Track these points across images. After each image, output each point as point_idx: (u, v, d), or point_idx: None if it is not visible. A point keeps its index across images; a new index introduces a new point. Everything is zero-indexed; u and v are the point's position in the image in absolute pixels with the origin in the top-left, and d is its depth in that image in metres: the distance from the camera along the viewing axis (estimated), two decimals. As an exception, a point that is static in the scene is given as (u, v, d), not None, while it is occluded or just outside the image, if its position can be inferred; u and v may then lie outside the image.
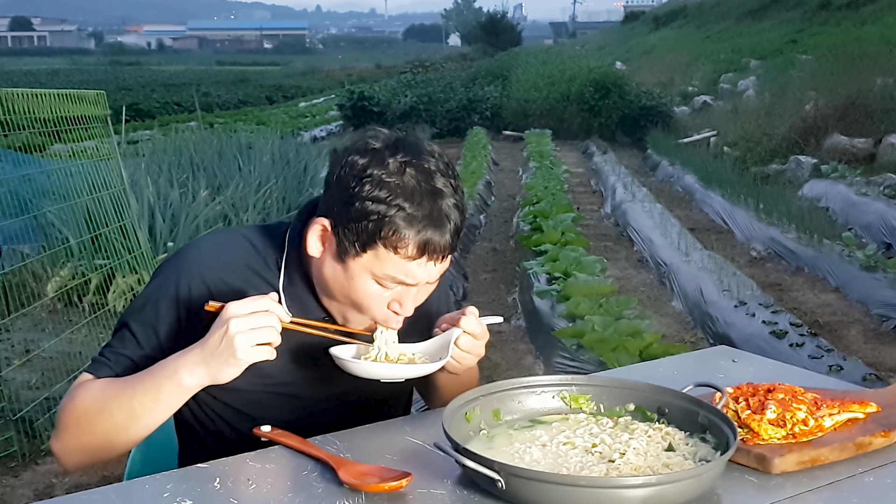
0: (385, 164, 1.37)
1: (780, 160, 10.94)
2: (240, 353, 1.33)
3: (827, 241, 6.80)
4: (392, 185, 1.36)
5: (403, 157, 1.38)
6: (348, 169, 1.39)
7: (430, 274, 1.42)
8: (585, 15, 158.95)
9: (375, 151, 1.39)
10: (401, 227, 1.35)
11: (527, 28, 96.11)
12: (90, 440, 1.44)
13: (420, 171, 1.38)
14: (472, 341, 1.49)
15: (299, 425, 1.45)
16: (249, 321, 1.33)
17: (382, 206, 1.35)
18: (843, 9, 22.32)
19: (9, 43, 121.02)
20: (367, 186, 1.36)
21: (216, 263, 1.52)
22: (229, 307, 1.34)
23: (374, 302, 1.44)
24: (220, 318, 1.34)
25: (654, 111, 16.15)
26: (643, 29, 40.65)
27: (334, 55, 69.30)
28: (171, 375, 1.38)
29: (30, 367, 4.30)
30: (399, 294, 1.44)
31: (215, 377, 1.36)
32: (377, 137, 1.42)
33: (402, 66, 32.36)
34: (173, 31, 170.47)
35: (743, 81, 17.06)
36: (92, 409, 1.42)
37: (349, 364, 1.43)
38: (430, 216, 1.37)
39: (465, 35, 72.75)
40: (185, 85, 29.28)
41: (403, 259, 1.38)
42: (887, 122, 10.45)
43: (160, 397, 1.39)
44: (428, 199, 1.37)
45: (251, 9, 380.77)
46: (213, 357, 1.34)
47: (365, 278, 1.41)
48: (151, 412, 1.40)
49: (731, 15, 30.12)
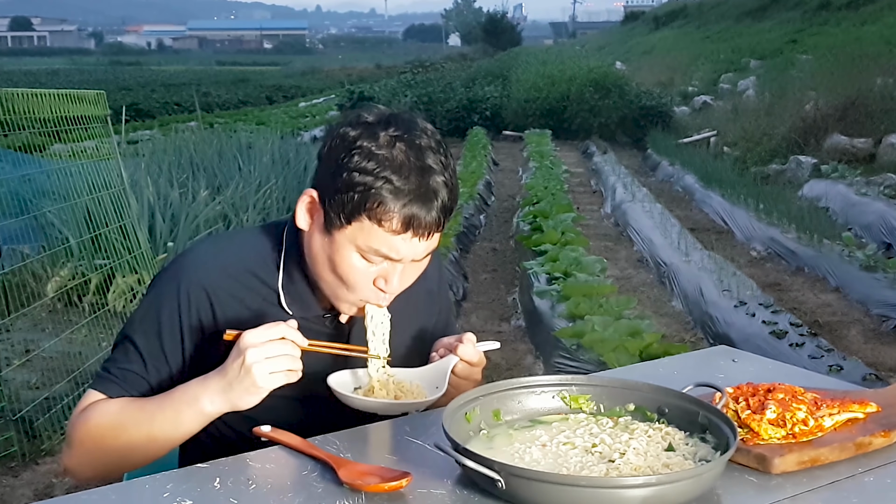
0: (375, 137, 1.37)
1: (780, 160, 10.94)
2: (259, 381, 1.33)
3: (827, 241, 6.81)
4: (381, 157, 1.35)
5: (395, 132, 1.37)
6: (339, 140, 1.39)
7: (415, 251, 1.40)
8: (585, 15, 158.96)
9: (367, 124, 1.39)
10: (387, 199, 1.34)
11: (527, 28, 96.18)
12: (104, 459, 1.44)
13: (411, 146, 1.37)
14: (469, 368, 1.50)
15: (299, 425, 1.45)
16: (266, 350, 1.33)
17: (369, 177, 1.35)
18: (843, 9, 22.32)
19: (9, 43, 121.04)
20: (355, 158, 1.36)
21: (214, 270, 1.51)
22: (245, 337, 1.33)
23: (360, 277, 1.43)
24: (237, 348, 1.34)
25: (654, 111, 16.15)
26: (643, 29, 40.67)
27: (334, 55, 69.36)
28: (192, 403, 1.38)
29: (30, 367, 4.31)
30: (384, 270, 1.42)
31: (235, 405, 1.37)
32: (370, 111, 1.42)
33: (402, 66, 32.39)
34: (173, 31, 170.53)
35: (743, 81, 17.06)
36: (108, 430, 1.42)
37: (347, 398, 1.44)
38: (418, 191, 1.35)
39: (465, 35, 72.87)
40: (185, 85, 29.30)
41: (388, 233, 1.37)
42: (887, 122, 10.45)
43: (180, 423, 1.40)
44: (416, 174, 1.36)
45: (251, 9, 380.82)
46: (233, 386, 1.35)
47: (349, 251, 1.40)
48: (171, 436, 1.42)
49: (731, 15, 30.12)
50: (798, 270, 6.69)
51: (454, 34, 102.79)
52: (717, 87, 18.22)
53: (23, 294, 4.39)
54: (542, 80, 18.32)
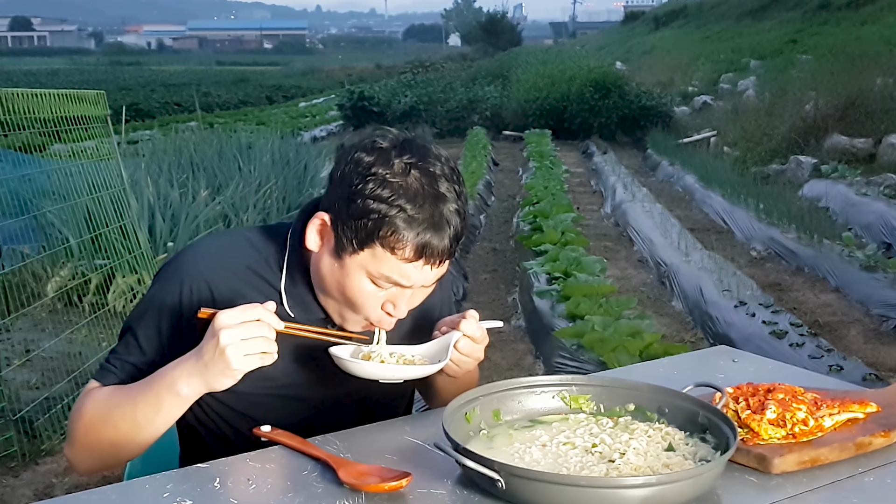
0: (390, 164, 1.36)
1: (780, 160, 10.94)
2: (234, 363, 1.31)
3: (827, 241, 6.80)
4: (395, 185, 1.35)
5: (409, 159, 1.37)
6: (353, 166, 1.38)
7: (425, 277, 1.41)
8: (585, 15, 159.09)
9: (382, 150, 1.38)
10: (400, 227, 1.35)
11: (527, 28, 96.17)
12: (98, 448, 1.45)
13: (425, 173, 1.37)
14: (472, 345, 1.49)
15: (299, 425, 1.45)
16: (240, 332, 1.31)
17: (384, 205, 1.35)
18: (843, 9, 22.34)
19: (9, 43, 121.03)
20: (370, 185, 1.36)
21: (217, 265, 1.51)
22: (219, 317, 1.32)
23: (368, 301, 1.43)
24: (212, 328, 1.33)
25: (654, 111, 16.15)
26: (643, 29, 40.67)
27: (334, 55, 69.37)
28: (170, 386, 1.38)
29: (30, 367, 4.30)
30: (393, 295, 1.43)
31: (211, 386, 1.36)
32: (385, 137, 1.41)
33: (402, 66, 32.38)
34: (173, 31, 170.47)
35: (743, 81, 17.06)
36: (97, 418, 1.44)
37: (349, 364, 1.42)
38: (431, 219, 1.36)
39: (465, 35, 72.84)
40: (185, 85, 29.29)
41: (400, 260, 1.37)
42: (887, 122, 10.45)
43: (160, 407, 1.39)
44: (430, 203, 1.36)
45: (251, 9, 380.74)
46: (208, 368, 1.34)
47: (360, 276, 1.41)
48: (153, 421, 1.41)
49: (731, 15, 30.14)
50: (798, 270, 6.69)
51: (454, 34, 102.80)
52: (717, 87, 18.22)
53: (23, 294, 4.39)
54: (542, 80, 18.32)
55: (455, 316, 1.53)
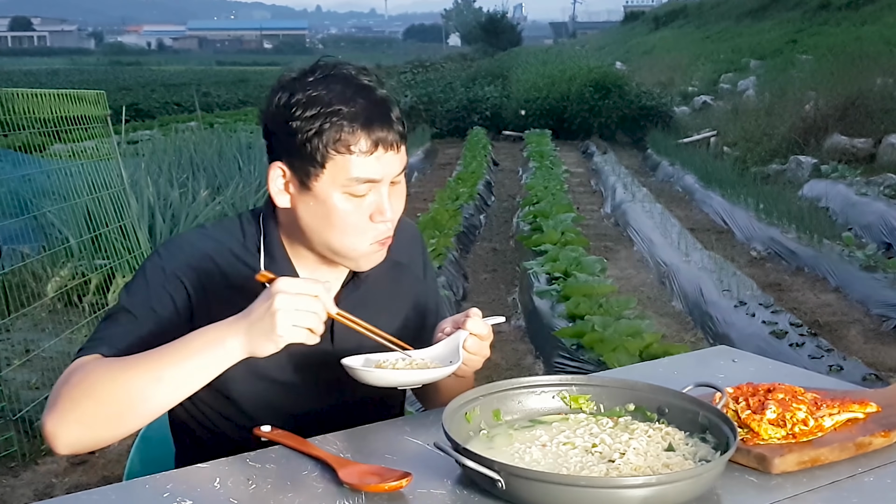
0: (306, 85, 1.42)
1: (780, 160, 10.94)
2: (279, 328, 1.29)
3: (827, 241, 6.80)
4: (320, 96, 1.40)
5: (321, 73, 1.44)
6: (277, 108, 1.43)
7: (391, 167, 1.43)
8: (585, 15, 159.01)
9: (293, 80, 1.44)
10: (345, 126, 1.39)
11: (527, 28, 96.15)
12: (92, 418, 1.33)
13: (341, 77, 1.43)
14: (479, 343, 1.49)
15: (299, 425, 1.45)
16: (295, 301, 1.30)
17: (320, 117, 1.39)
18: (843, 9, 22.32)
19: (9, 43, 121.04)
20: (299, 110, 1.40)
21: (198, 252, 1.52)
22: (279, 281, 1.31)
23: (355, 218, 1.43)
24: (268, 291, 1.32)
25: (654, 111, 16.14)
26: (643, 29, 40.66)
27: (334, 55, 69.22)
28: (212, 343, 1.33)
29: (30, 367, 4.30)
30: (374, 203, 1.44)
31: (253, 349, 1.32)
32: (290, 70, 1.47)
33: (402, 66, 32.31)
34: (173, 31, 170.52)
35: (743, 81, 17.05)
36: (107, 376, 1.34)
37: (363, 374, 1.39)
38: (368, 109, 1.40)
39: (465, 35, 72.87)
40: (185, 85, 29.27)
41: (360, 156, 1.40)
42: (887, 122, 10.44)
43: (193, 366, 1.33)
44: (360, 95, 1.41)
45: (251, 9, 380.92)
46: (253, 326, 1.31)
47: (336, 195, 1.42)
48: (177, 378, 1.33)
49: (731, 15, 30.12)
50: (798, 270, 6.69)
51: (454, 34, 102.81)
52: (717, 87, 18.22)
53: (23, 294, 4.39)
54: (542, 80, 18.32)
55: (458, 315, 1.52)
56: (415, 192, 10.33)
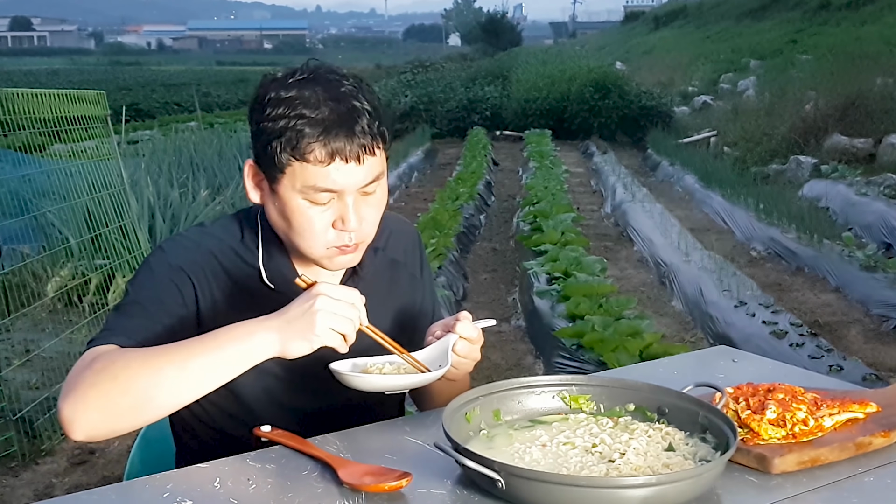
0: (284, 86, 1.40)
1: (780, 160, 10.94)
2: (318, 328, 1.30)
3: (827, 241, 6.80)
4: (290, 99, 1.38)
5: (301, 75, 1.41)
6: (252, 105, 1.43)
7: (354, 179, 1.40)
8: (585, 15, 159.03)
9: (273, 80, 1.43)
10: (304, 133, 1.36)
11: (527, 28, 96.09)
12: (119, 399, 1.31)
13: (319, 81, 1.40)
14: (469, 346, 1.49)
15: (299, 425, 1.45)
16: (335, 306, 1.31)
17: (283, 119, 1.37)
18: (843, 9, 22.33)
19: (9, 43, 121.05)
20: (267, 110, 1.39)
21: (199, 249, 1.52)
22: (321, 285, 1.33)
23: (316, 224, 1.42)
24: (309, 293, 1.33)
25: (654, 111, 16.14)
26: (643, 29, 40.67)
27: (334, 55, 69.24)
28: (243, 337, 1.33)
29: (30, 367, 4.30)
30: (338, 211, 1.42)
31: (285, 348, 1.33)
32: (277, 71, 1.46)
33: (402, 66, 32.29)
34: (173, 31, 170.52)
35: (743, 81, 17.06)
36: (132, 364, 1.32)
37: (350, 378, 1.40)
38: (332, 118, 1.37)
39: (465, 35, 72.85)
40: (185, 85, 29.28)
41: (317, 165, 1.38)
42: (887, 122, 10.44)
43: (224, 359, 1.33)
44: (329, 104, 1.37)
45: (251, 9, 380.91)
46: (290, 325, 1.32)
47: (295, 199, 1.41)
48: (204, 368, 1.33)
49: (731, 15, 30.13)
50: (798, 270, 6.69)
51: (454, 34, 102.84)
52: (717, 87, 18.22)
53: (23, 294, 4.39)
54: (542, 80, 18.32)
55: (447, 319, 1.52)
56: (415, 192, 10.33)
